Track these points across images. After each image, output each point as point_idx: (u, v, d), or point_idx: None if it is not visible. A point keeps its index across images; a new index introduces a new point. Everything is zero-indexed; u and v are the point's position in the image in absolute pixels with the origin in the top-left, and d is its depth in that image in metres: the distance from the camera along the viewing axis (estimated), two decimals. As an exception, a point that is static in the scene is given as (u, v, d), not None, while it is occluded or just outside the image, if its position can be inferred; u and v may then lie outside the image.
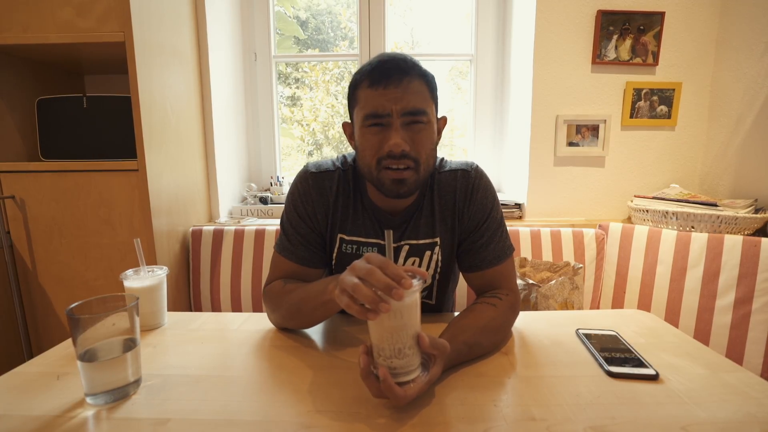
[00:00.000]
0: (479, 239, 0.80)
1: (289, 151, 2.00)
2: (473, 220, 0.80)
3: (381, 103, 0.69)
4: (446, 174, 0.83)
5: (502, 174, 1.81)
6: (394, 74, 0.69)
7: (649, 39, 1.49)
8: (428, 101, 0.72)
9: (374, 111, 0.70)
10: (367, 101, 0.71)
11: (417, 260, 0.82)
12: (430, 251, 0.82)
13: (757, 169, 1.36)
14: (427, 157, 0.73)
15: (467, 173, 0.82)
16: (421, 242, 0.81)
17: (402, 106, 0.69)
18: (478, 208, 0.80)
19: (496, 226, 0.81)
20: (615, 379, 0.61)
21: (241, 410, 0.54)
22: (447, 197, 0.81)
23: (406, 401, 0.52)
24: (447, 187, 0.82)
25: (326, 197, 0.81)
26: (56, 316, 1.27)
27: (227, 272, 1.41)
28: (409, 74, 0.70)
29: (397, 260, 0.81)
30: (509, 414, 0.53)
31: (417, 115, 0.70)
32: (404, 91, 0.69)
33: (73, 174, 1.20)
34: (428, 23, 1.89)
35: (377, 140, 0.71)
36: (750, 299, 1.17)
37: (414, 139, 0.70)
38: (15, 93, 1.29)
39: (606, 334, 0.74)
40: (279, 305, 0.76)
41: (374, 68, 0.71)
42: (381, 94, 0.69)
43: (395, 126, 0.69)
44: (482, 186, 0.81)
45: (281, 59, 1.85)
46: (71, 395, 0.57)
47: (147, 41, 1.19)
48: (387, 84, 0.69)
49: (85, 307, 0.58)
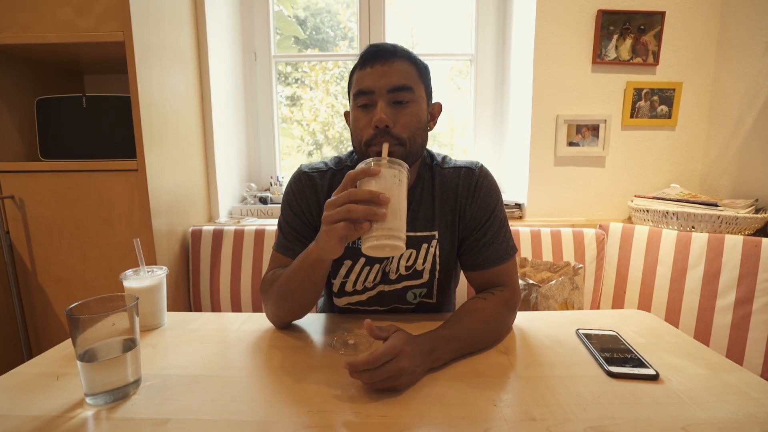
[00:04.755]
0: (482, 238, 0.80)
1: (289, 151, 1.99)
2: (475, 218, 0.81)
3: (367, 82, 0.73)
4: (449, 170, 0.83)
5: (502, 174, 1.81)
6: (381, 55, 0.74)
7: (650, 39, 1.49)
8: (415, 80, 0.75)
9: (361, 88, 0.74)
10: (357, 81, 0.75)
11: (414, 252, 0.82)
12: (427, 244, 0.82)
13: (758, 169, 1.36)
14: (413, 135, 0.74)
15: (471, 171, 0.82)
16: (418, 234, 0.82)
17: (386, 81, 0.72)
18: (481, 206, 0.80)
19: (499, 226, 0.81)
20: (615, 379, 0.61)
21: (241, 410, 0.54)
22: (449, 193, 0.82)
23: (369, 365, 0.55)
24: (449, 183, 0.82)
25: (319, 194, 0.83)
26: (56, 316, 1.27)
27: (227, 272, 1.41)
28: (396, 55, 0.74)
29: None
30: (509, 414, 0.53)
31: (402, 91, 0.73)
32: (390, 68, 0.73)
33: (72, 174, 1.20)
34: (428, 23, 1.89)
35: (365, 120, 0.74)
36: (750, 299, 1.17)
37: (399, 115, 0.73)
38: (14, 93, 1.29)
39: (606, 335, 0.74)
40: (271, 293, 0.77)
41: (365, 52, 0.76)
42: (368, 72, 0.74)
43: (380, 103, 0.72)
44: (486, 185, 0.82)
45: (281, 59, 1.85)
46: (71, 395, 0.57)
47: (147, 41, 1.19)
48: (374, 63, 0.73)
49: (84, 307, 0.57)
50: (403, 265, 0.83)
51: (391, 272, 0.83)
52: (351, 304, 0.87)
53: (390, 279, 0.84)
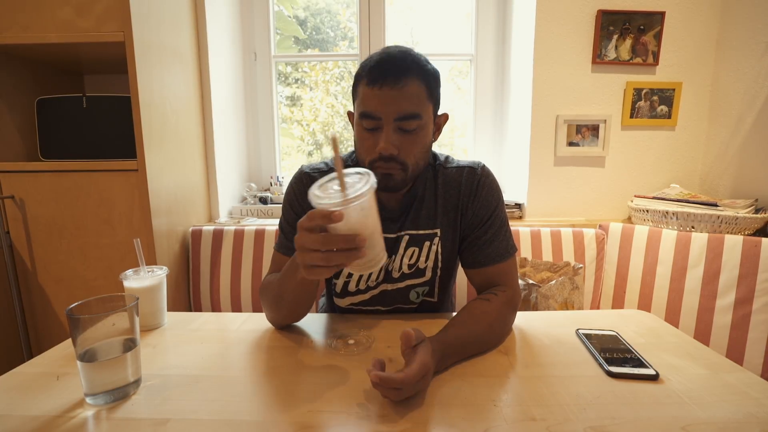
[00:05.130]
0: (483, 236, 0.81)
1: (289, 151, 1.99)
2: (477, 216, 0.82)
3: (375, 105, 0.71)
4: (452, 170, 0.84)
5: (503, 174, 1.81)
6: (391, 75, 0.70)
7: (650, 39, 1.49)
8: (424, 103, 0.73)
9: (368, 111, 0.72)
10: (364, 99, 0.73)
11: (416, 250, 0.83)
12: (429, 242, 0.83)
13: (758, 169, 1.36)
14: (417, 160, 0.75)
15: (473, 170, 0.83)
16: (421, 232, 0.83)
17: (394, 109, 0.70)
18: (483, 204, 0.81)
19: (500, 224, 0.82)
20: (615, 379, 0.61)
21: (241, 410, 0.54)
22: (451, 192, 0.83)
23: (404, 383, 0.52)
24: (452, 182, 0.83)
25: None
26: (56, 316, 1.27)
27: (227, 272, 1.41)
28: (407, 74, 0.70)
29: (397, 250, 0.83)
30: (509, 414, 0.53)
31: (409, 120, 0.71)
32: (399, 93, 0.70)
33: (72, 174, 1.20)
34: (428, 23, 1.89)
35: (370, 143, 0.74)
36: (750, 299, 1.17)
37: (404, 143, 0.73)
38: (14, 93, 1.29)
39: (606, 335, 0.74)
40: (267, 298, 0.77)
41: (374, 66, 0.72)
42: (376, 94, 0.70)
43: (386, 130, 0.71)
44: (488, 184, 0.83)
45: (281, 59, 1.85)
46: (71, 395, 0.57)
47: (147, 41, 1.19)
48: (383, 84, 0.70)
49: (84, 307, 0.57)
50: (406, 263, 0.83)
51: (394, 270, 0.84)
52: (354, 305, 0.88)
53: (393, 278, 0.84)
